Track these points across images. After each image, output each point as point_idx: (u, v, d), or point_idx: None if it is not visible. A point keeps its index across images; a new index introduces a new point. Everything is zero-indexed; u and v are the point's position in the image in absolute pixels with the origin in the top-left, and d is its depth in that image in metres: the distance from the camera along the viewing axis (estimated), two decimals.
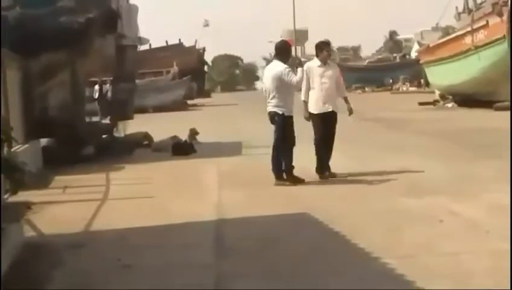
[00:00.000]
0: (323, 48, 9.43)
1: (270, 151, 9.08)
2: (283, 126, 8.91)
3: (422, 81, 40.31)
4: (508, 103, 19.42)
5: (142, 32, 16.64)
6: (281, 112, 8.89)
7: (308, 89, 9.29)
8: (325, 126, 9.27)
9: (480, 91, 22.91)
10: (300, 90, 9.38)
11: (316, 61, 9.42)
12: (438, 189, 8.06)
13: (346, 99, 9.59)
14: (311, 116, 9.32)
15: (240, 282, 4.91)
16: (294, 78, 8.85)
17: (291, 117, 8.98)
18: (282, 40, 10.18)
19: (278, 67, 9.00)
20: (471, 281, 4.63)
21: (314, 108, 9.29)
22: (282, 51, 9.28)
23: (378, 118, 21.26)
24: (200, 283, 4.93)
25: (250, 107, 33.57)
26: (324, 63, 9.36)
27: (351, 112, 9.60)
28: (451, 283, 4.60)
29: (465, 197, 7.49)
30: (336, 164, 9.45)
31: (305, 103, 9.34)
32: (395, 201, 7.51)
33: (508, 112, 16.69)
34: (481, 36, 22.12)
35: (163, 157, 12.78)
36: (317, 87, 9.24)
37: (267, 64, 12.04)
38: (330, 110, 9.25)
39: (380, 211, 7.07)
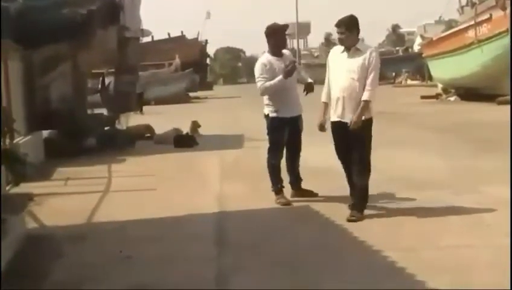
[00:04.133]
0: (336, 27, 6.52)
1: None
2: (267, 127, 7.48)
3: (425, 74, 40.19)
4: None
5: (145, 24, 16.61)
6: (266, 112, 7.42)
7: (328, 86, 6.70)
8: (345, 141, 6.55)
9: (482, 85, 22.86)
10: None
11: (339, 47, 6.65)
12: (439, 183, 8.05)
13: (363, 104, 6.36)
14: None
15: (242, 275, 4.92)
16: (258, 84, 7.27)
17: (274, 118, 7.32)
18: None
19: (257, 61, 7.44)
20: (472, 275, 4.64)
21: (331, 114, 6.68)
22: (267, 39, 7.39)
23: (380, 111, 21.01)
24: (201, 275, 4.94)
25: (252, 100, 33.53)
26: (348, 48, 6.46)
27: (356, 123, 6.37)
28: (452, 277, 4.60)
29: (466, 191, 7.48)
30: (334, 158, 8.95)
31: (325, 105, 6.75)
32: (396, 194, 7.51)
33: None
34: (484, 30, 22.06)
35: (165, 149, 12.77)
36: (334, 84, 6.57)
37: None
38: (347, 120, 6.43)
39: (381, 205, 7.08)
